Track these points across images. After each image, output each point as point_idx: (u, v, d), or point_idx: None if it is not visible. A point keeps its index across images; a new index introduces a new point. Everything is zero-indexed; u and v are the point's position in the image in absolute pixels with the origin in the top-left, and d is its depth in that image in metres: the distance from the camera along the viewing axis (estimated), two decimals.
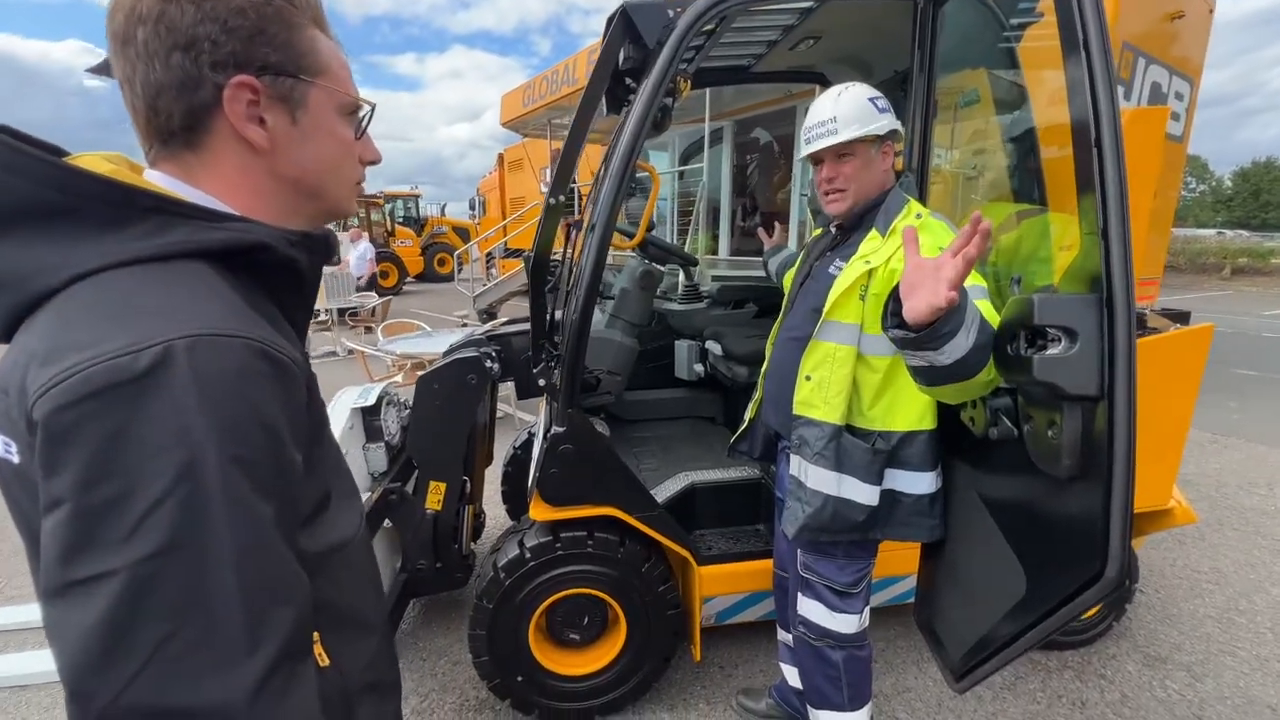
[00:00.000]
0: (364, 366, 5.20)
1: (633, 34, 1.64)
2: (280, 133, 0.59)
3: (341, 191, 0.66)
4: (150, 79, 0.54)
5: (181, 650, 0.42)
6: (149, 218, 0.51)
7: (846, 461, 1.42)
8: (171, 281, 0.50)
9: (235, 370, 0.46)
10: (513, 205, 14.03)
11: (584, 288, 1.67)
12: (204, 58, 0.53)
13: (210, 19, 0.53)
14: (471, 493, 2.40)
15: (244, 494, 0.45)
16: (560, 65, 7.89)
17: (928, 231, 1.32)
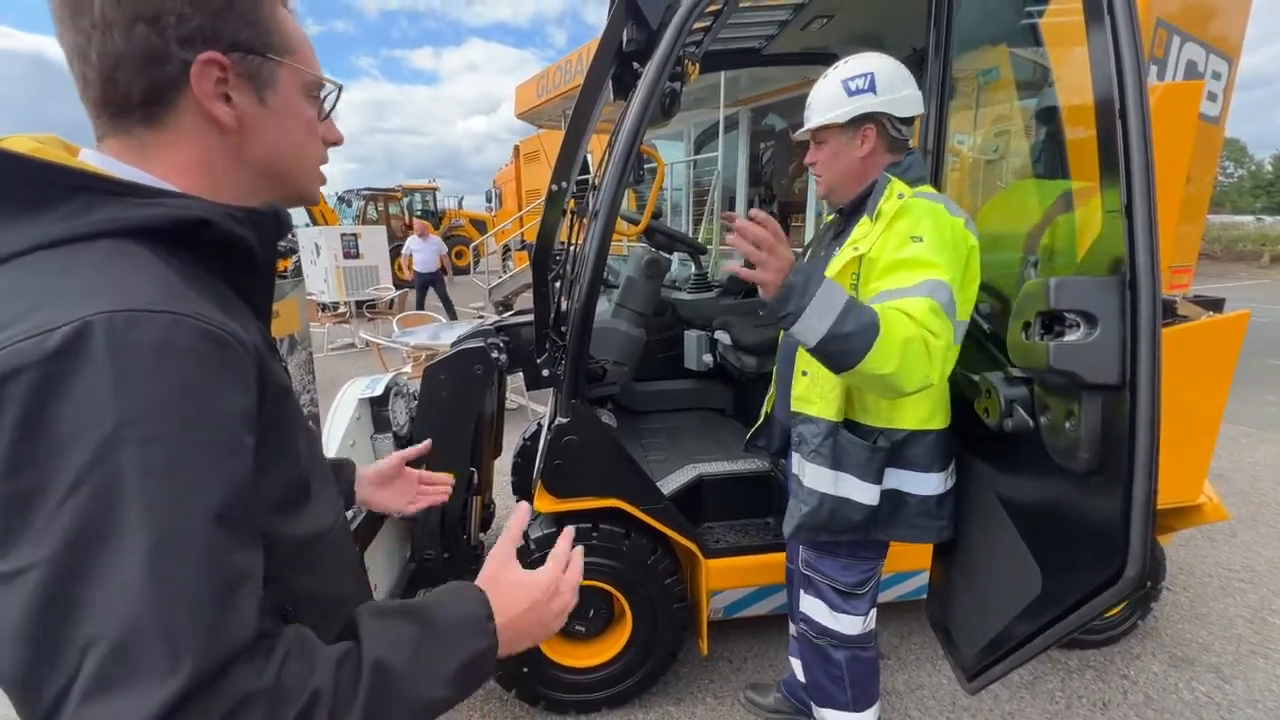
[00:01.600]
0: (379, 358, 5.24)
1: (636, 14, 1.59)
2: (248, 112, 0.56)
3: (307, 174, 0.64)
4: (107, 49, 0.50)
5: (101, 662, 0.38)
6: (75, 197, 0.49)
7: (844, 459, 1.37)
8: (98, 261, 0.47)
9: (156, 345, 0.42)
10: (529, 197, 14.03)
11: (588, 276, 1.64)
12: (170, 31, 0.51)
13: None
14: (479, 483, 2.40)
15: (167, 481, 0.41)
16: (573, 55, 7.83)
17: (905, 215, 1.26)
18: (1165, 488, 2.01)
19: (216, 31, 0.53)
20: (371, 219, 15.73)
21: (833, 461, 1.38)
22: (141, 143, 0.55)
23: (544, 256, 1.87)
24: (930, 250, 1.21)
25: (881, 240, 1.26)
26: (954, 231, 1.25)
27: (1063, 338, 1.01)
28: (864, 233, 1.32)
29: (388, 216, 16.00)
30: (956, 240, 1.24)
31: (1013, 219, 1.76)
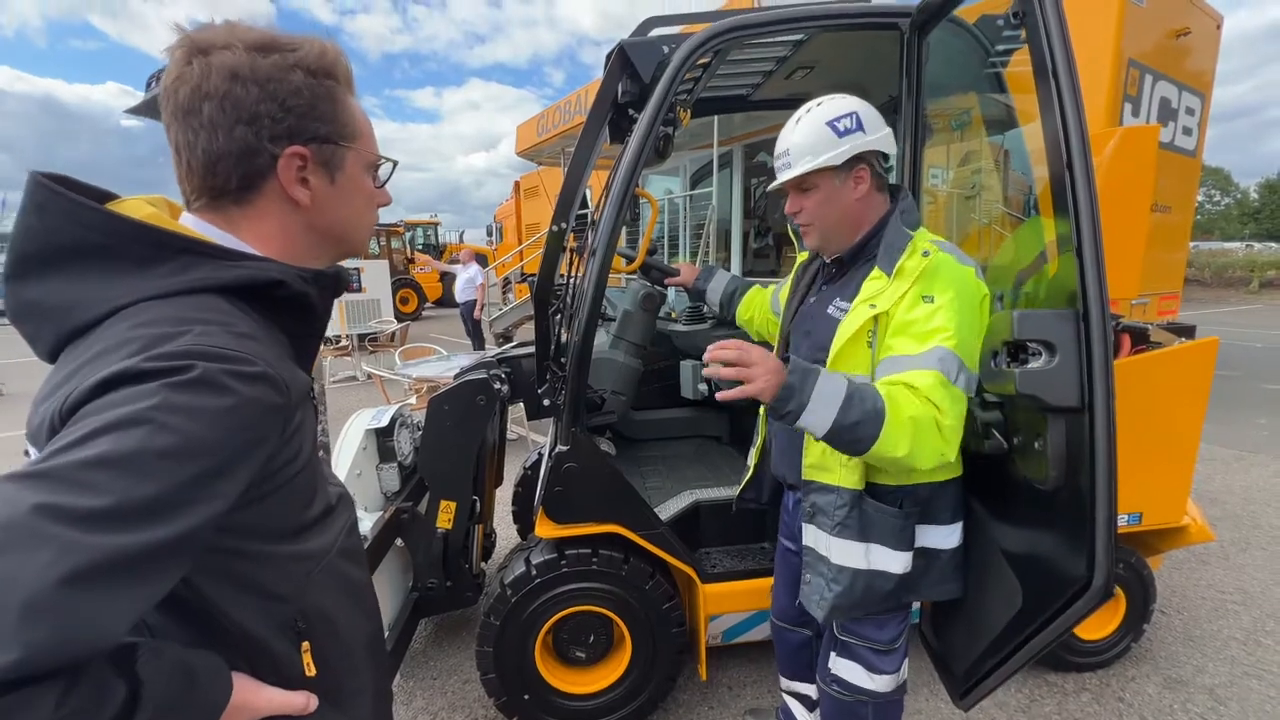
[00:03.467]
0: (382, 391, 5.31)
1: (630, 70, 1.72)
2: (320, 191, 0.67)
3: (362, 236, 0.75)
4: (213, 147, 0.61)
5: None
6: (178, 257, 0.59)
7: (873, 530, 1.29)
8: (196, 310, 0.57)
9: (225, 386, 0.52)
10: (529, 231, 14.29)
11: (586, 310, 1.73)
12: (264, 131, 0.62)
13: (271, 98, 0.61)
14: (481, 512, 2.45)
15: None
16: (572, 95, 8.12)
17: (932, 277, 1.20)
18: (1149, 510, 2.08)
19: (301, 129, 0.64)
20: (374, 253, 15.99)
21: (861, 533, 1.29)
22: (231, 217, 0.66)
23: (545, 291, 1.97)
24: (943, 313, 1.16)
25: (899, 299, 1.21)
26: (974, 285, 1.21)
27: (1027, 365, 1.09)
28: (878, 289, 1.24)
29: (390, 251, 16.26)
30: (974, 296, 1.21)
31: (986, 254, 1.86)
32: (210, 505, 0.51)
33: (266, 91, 0.61)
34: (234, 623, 0.60)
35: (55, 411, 0.51)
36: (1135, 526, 2.08)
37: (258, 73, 0.61)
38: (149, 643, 0.52)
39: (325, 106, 0.65)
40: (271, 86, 0.61)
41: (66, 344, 0.59)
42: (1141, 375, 1.93)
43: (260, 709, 0.61)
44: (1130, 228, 2.99)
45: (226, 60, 0.60)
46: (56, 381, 0.56)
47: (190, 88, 0.60)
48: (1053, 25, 1.06)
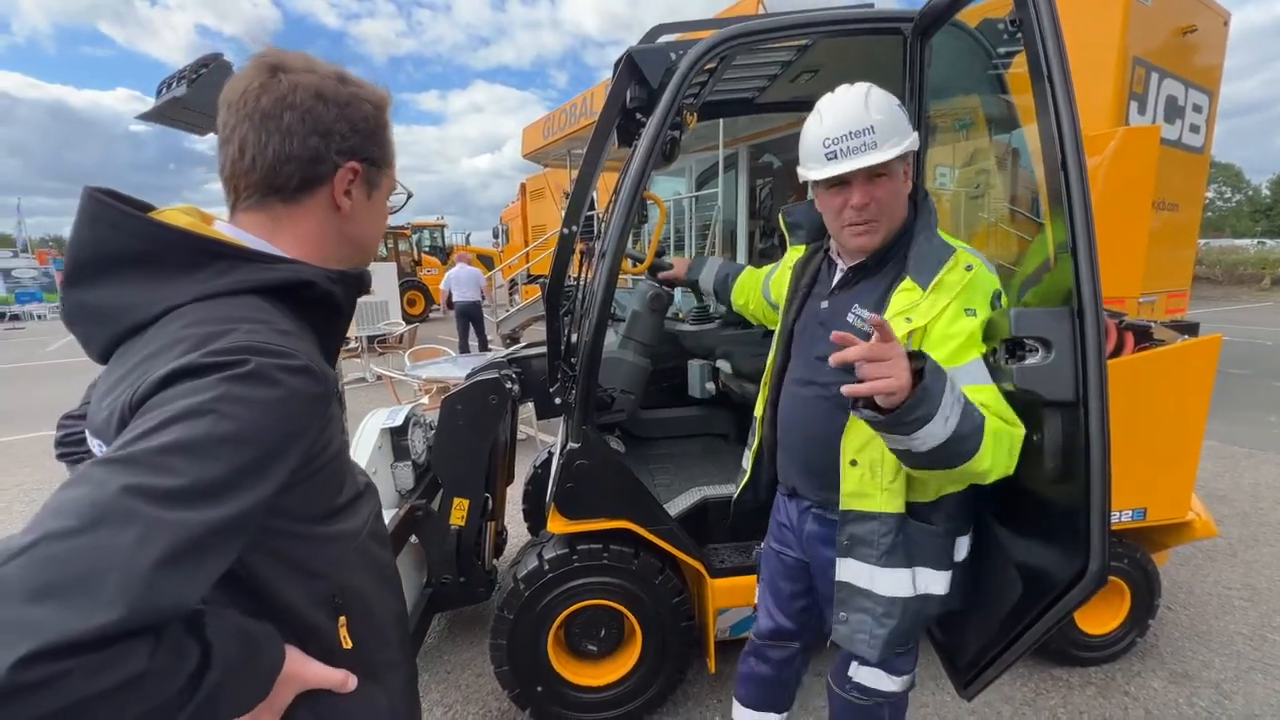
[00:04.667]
0: (392, 392, 5.38)
1: (638, 76, 1.77)
2: (359, 204, 0.77)
3: (375, 247, 0.86)
4: (285, 150, 0.70)
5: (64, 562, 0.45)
6: (217, 262, 0.66)
7: (917, 552, 1.23)
8: (240, 310, 0.64)
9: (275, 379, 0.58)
10: (535, 233, 14.36)
11: (596, 311, 1.77)
12: (333, 144, 0.72)
13: (345, 119, 0.72)
14: (493, 509, 2.50)
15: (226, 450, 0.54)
16: (578, 98, 8.17)
17: (973, 290, 1.16)
18: (1153, 505, 2.10)
19: (360, 148, 0.74)
20: (381, 256, 16.11)
21: (907, 559, 1.23)
22: (275, 216, 0.73)
23: (556, 293, 2.02)
24: (981, 326, 1.15)
25: (939, 314, 1.15)
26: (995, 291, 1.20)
27: (1024, 361, 1.13)
28: (912, 302, 1.17)
29: (398, 253, 16.38)
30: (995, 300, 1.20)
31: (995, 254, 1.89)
32: (265, 486, 0.56)
33: (343, 114, 0.72)
34: (279, 598, 0.66)
35: (125, 404, 0.57)
36: (1140, 522, 2.10)
37: (339, 97, 0.72)
38: (215, 610, 0.58)
39: (381, 136, 0.77)
40: (348, 110, 0.72)
41: (120, 343, 0.65)
42: (1144, 373, 1.96)
43: (307, 680, 0.66)
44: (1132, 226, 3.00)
45: (313, 81, 0.70)
46: (118, 377, 0.62)
47: (275, 97, 0.68)
48: (1048, 32, 1.09)
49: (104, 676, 0.44)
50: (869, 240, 1.24)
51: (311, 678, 0.67)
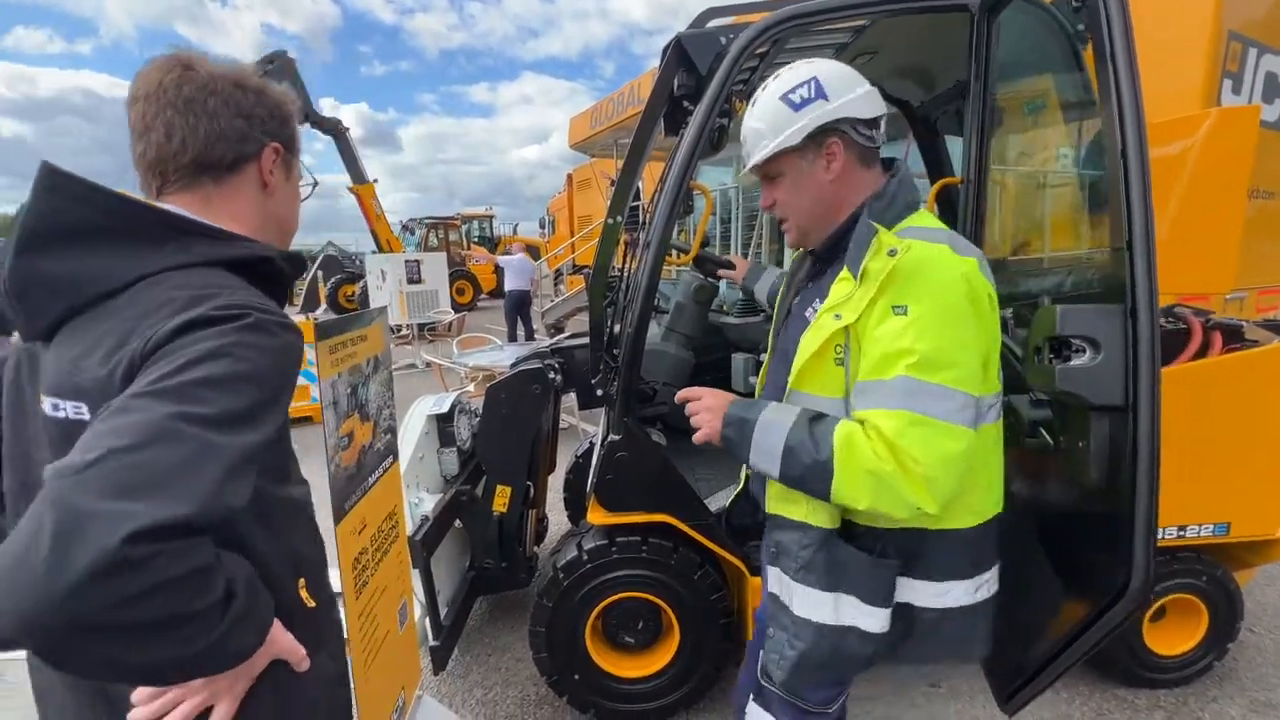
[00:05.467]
0: (440, 378, 5.52)
1: (686, 62, 1.73)
2: (280, 184, 0.86)
3: (294, 228, 0.94)
4: (215, 128, 0.76)
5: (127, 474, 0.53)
6: (182, 236, 0.72)
7: (844, 577, 1.07)
8: (214, 279, 0.71)
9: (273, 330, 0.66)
10: (580, 223, 14.46)
11: (639, 302, 1.75)
12: (256, 126, 0.80)
13: (263, 105, 0.81)
14: (535, 497, 2.53)
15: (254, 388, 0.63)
16: (625, 87, 8.14)
17: (905, 282, 0.96)
18: (1237, 520, 1.94)
19: (280, 132, 0.83)
20: (433, 246, 16.53)
21: (829, 580, 1.07)
22: (206, 195, 0.78)
23: (600, 283, 2.01)
24: (914, 329, 0.93)
25: (867, 309, 0.99)
26: (967, 285, 0.95)
27: (1069, 362, 1.06)
28: (845, 294, 1.02)
29: (448, 243, 16.78)
30: (972, 296, 0.95)
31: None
32: (273, 422, 0.64)
33: (260, 99, 0.80)
34: (256, 551, 0.69)
35: (135, 353, 0.62)
36: (1221, 538, 1.94)
37: (254, 85, 0.80)
38: (230, 554, 0.62)
39: (292, 124, 0.86)
40: (264, 97, 0.81)
41: (77, 314, 0.68)
42: (1232, 376, 1.80)
43: (280, 646, 0.71)
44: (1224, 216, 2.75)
45: (228, 71, 0.78)
46: (95, 338, 0.65)
47: (197, 85, 0.75)
48: (1113, 9, 1.01)
49: (183, 561, 0.52)
50: (792, 237, 1.22)
51: (283, 643, 0.71)
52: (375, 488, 1.55)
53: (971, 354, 0.95)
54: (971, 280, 0.96)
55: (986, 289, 0.98)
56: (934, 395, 0.92)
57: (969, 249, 1.01)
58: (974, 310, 0.95)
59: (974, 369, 0.95)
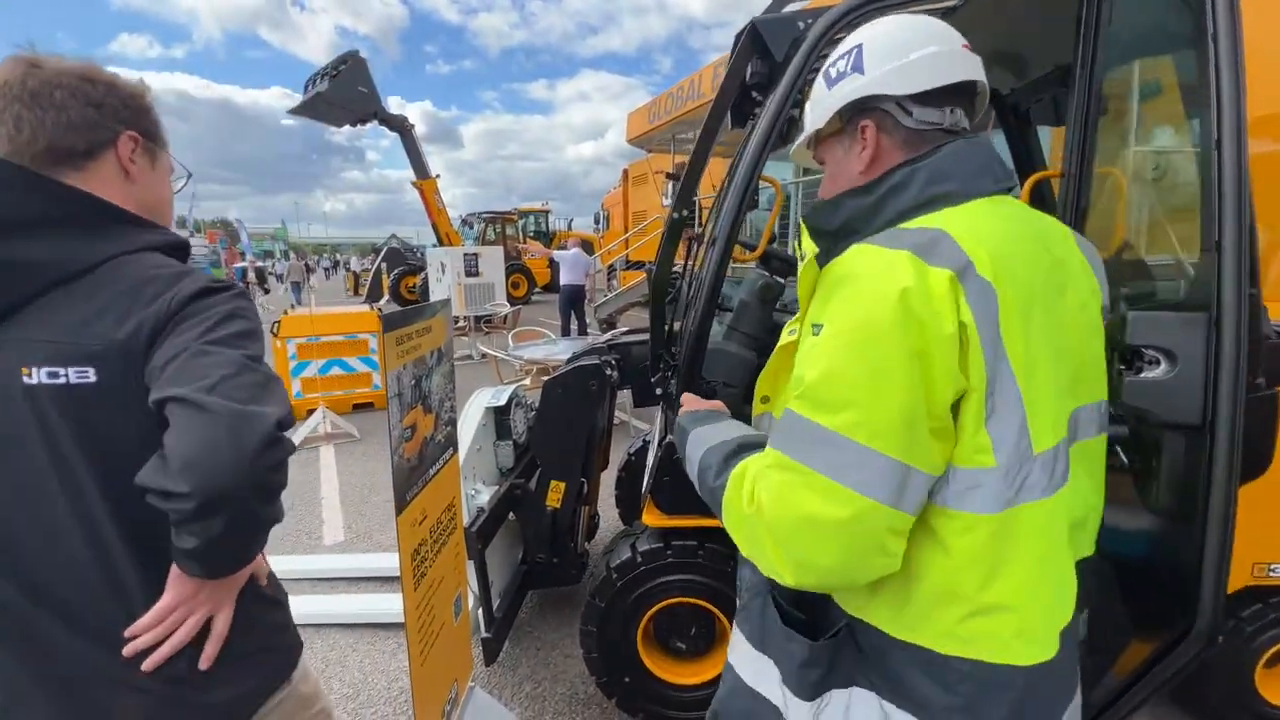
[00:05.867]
0: (495, 370, 5.62)
1: (761, 48, 1.65)
2: (145, 172, 0.88)
3: (167, 217, 0.96)
4: (61, 120, 0.79)
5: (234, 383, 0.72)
6: (119, 224, 0.82)
7: (770, 640, 0.90)
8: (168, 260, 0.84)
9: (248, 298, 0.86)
10: (635, 218, 14.46)
11: (703, 300, 1.69)
12: (108, 115, 0.83)
13: (115, 96, 0.84)
14: (588, 494, 2.51)
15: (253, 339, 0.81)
16: (685, 81, 8.04)
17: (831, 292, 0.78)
18: None
19: (137, 121, 0.86)
20: (490, 240, 16.92)
21: (759, 637, 0.92)
22: (92, 179, 0.82)
23: (663, 280, 1.95)
24: (817, 352, 0.75)
25: (803, 325, 0.85)
26: (900, 307, 0.69)
27: (1140, 374, 0.95)
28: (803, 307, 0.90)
29: (504, 237, 17.12)
30: (907, 322, 0.69)
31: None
32: None
33: (111, 90, 0.83)
34: None
35: (157, 315, 0.75)
36: None
37: (102, 78, 0.83)
38: None
39: (151, 115, 0.89)
40: (115, 89, 0.84)
41: (45, 293, 0.75)
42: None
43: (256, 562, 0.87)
44: None
45: (74, 67, 0.81)
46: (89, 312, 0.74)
47: (41, 80, 0.78)
48: None
49: (288, 446, 0.73)
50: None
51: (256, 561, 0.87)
52: (435, 479, 1.55)
53: (885, 397, 0.69)
54: (911, 301, 0.68)
55: (950, 319, 0.68)
56: (813, 439, 0.72)
57: (951, 259, 0.70)
58: (903, 340, 0.68)
59: (887, 419, 0.69)
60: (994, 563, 0.72)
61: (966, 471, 0.72)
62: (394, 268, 16.22)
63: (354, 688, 2.22)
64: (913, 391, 0.69)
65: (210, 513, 0.66)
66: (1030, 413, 0.71)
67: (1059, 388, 0.76)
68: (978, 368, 0.69)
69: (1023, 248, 0.76)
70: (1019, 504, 0.72)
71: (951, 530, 0.73)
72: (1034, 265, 0.75)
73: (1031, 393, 0.71)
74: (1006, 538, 0.72)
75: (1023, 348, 0.71)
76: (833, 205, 0.88)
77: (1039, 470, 0.72)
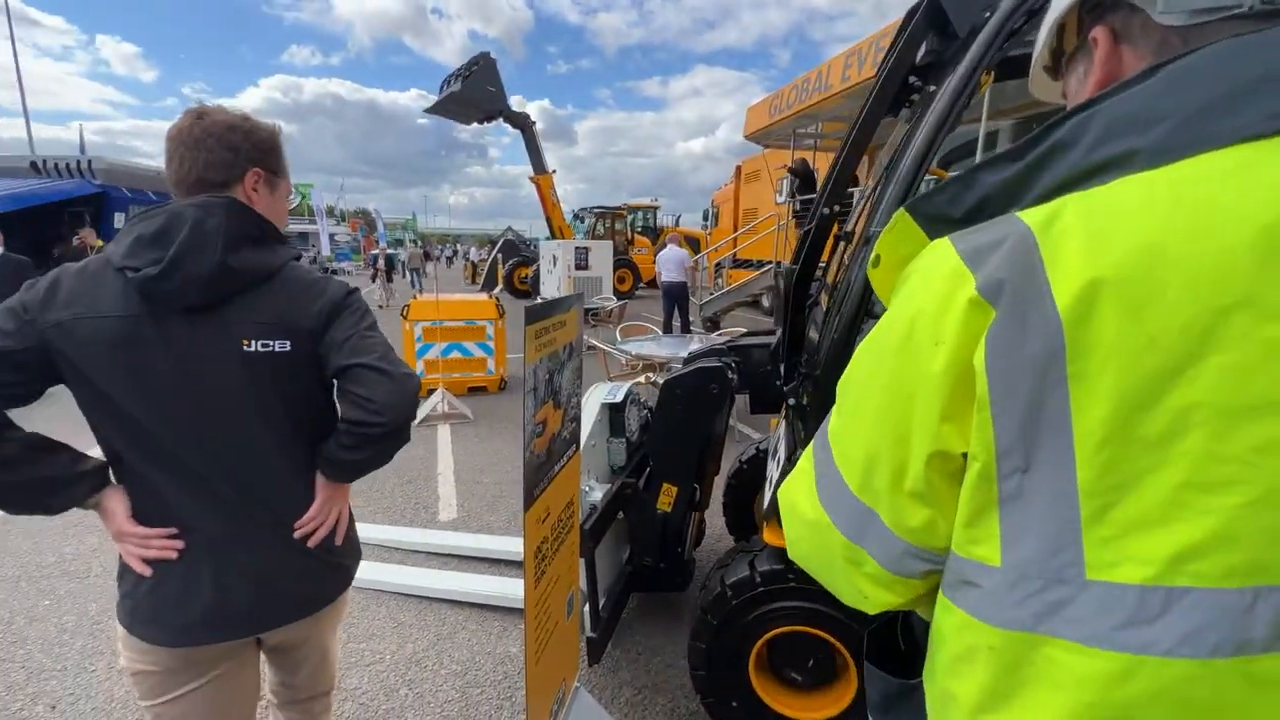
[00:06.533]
0: (603, 363, 5.67)
1: (940, 23, 1.46)
2: (264, 197, 1.15)
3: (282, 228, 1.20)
4: (210, 160, 1.07)
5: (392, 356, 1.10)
6: (279, 241, 1.13)
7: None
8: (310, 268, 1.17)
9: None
10: (745, 216, 14.14)
11: (849, 306, 1.53)
12: (241, 157, 1.09)
13: (249, 141, 1.10)
14: (700, 500, 2.42)
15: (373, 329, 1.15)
16: (811, 73, 7.68)
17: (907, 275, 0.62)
18: None
19: (261, 161, 1.12)
20: (600, 234, 17.28)
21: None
22: None
23: (805, 281, 1.81)
24: (873, 343, 0.62)
25: None
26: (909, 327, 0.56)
27: None
28: None
29: (614, 232, 17.41)
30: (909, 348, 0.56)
31: None
32: None
33: (247, 138, 1.10)
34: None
35: (327, 307, 1.09)
36: None
37: (243, 127, 1.10)
38: None
39: (276, 154, 1.16)
40: (250, 135, 1.11)
41: (251, 289, 1.04)
42: None
43: None
44: None
45: (226, 119, 1.09)
46: (283, 302, 1.07)
47: (202, 129, 1.06)
48: None
49: None
50: None
51: None
52: (559, 476, 1.52)
53: (856, 425, 0.61)
54: (919, 326, 0.54)
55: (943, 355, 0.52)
56: (822, 430, 0.69)
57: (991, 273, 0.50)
58: (894, 367, 0.57)
59: (853, 448, 0.61)
60: (1001, 692, 0.52)
61: (959, 559, 0.56)
62: (509, 259, 17.04)
63: (463, 665, 2.29)
64: (878, 431, 0.58)
65: (395, 436, 1.07)
66: (1094, 520, 0.47)
67: (1234, 510, 0.44)
68: (983, 431, 0.51)
69: (1218, 259, 0.43)
70: (1040, 633, 0.49)
71: (949, 622, 0.57)
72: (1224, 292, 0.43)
73: (1113, 493, 0.47)
74: (1022, 670, 0.51)
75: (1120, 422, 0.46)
76: (962, 183, 0.59)
77: (1093, 604, 0.48)
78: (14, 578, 2.82)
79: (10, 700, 2.08)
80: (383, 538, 3.17)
